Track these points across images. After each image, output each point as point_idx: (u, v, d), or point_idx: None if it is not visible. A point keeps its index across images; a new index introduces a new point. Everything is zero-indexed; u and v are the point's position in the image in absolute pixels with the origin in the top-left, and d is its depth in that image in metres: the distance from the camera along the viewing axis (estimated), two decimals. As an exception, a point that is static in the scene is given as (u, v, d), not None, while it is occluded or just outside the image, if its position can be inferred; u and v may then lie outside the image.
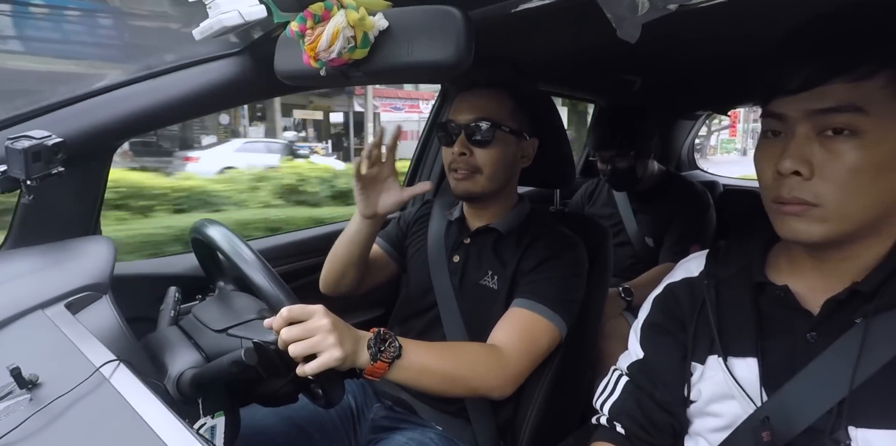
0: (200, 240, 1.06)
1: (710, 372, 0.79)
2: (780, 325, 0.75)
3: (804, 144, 0.67)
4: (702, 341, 0.81)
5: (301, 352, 0.84)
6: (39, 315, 0.86)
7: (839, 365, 0.68)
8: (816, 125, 0.67)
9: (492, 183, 1.26)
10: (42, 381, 0.70)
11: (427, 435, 1.21)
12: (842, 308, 0.70)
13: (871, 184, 0.66)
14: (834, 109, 0.65)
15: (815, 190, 0.67)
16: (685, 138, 3.43)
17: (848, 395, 0.66)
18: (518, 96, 1.28)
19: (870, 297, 0.69)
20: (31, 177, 0.94)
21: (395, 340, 0.96)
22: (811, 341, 0.71)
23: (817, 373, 0.69)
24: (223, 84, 1.18)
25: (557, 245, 1.24)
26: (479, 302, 1.26)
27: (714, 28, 1.25)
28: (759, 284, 0.79)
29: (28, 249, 1.10)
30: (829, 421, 0.67)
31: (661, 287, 0.92)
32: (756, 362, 0.74)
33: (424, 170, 2.17)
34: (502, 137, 1.24)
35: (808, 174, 0.67)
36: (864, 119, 0.64)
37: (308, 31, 0.78)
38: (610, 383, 0.92)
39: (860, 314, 0.69)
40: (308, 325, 0.86)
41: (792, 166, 0.67)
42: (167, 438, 0.59)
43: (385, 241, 1.48)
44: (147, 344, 0.98)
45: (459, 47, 0.74)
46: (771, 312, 0.77)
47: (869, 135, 0.64)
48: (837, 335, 0.69)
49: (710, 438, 0.79)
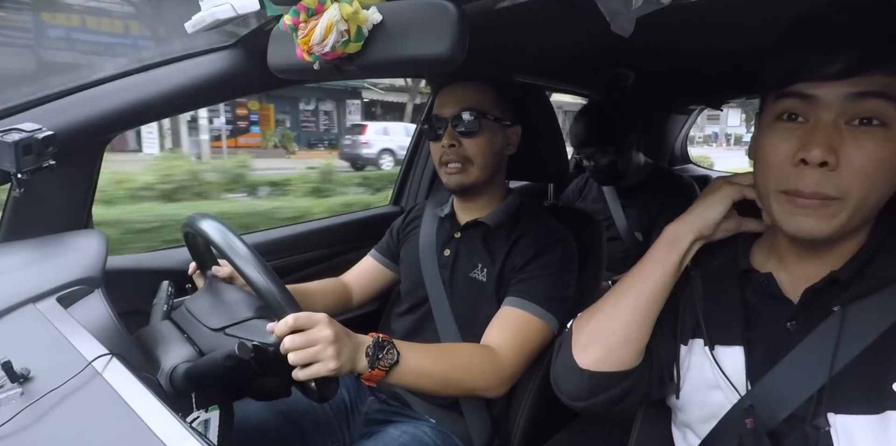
0: (193, 234, 1.06)
1: (696, 360, 0.80)
2: (763, 314, 0.76)
3: (833, 133, 0.64)
4: (687, 323, 0.82)
5: (300, 361, 0.86)
6: (31, 309, 0.86)
7: (819, 353, 0.68)
8: (847, 111, 0.64)
9: (484, 172, 1.27)
10: (34, 375, 0.70)
11: (420, 428, 1.22)
12: (820, 296, 0.71)
13: (889, 178, 0.65)
14: (869, 94, 0.62)
15: (840, 183, 0.64)
16: (678, 132, 3.43)
17: (827, 382, 0.67)
18: (499, 85, 1.31)
19: (846, 285, 0.69)
20: (22, 170, 0.93)
21: (394, 347, 0.97)
22: (791, 330, 0.72)
23: (798, 361, 0.70)
24: (216, 77, 1.18)
25: (547, 240, 1.25)
26: (469, 294, 1.27)
27: (708, 22, 1.25)
28: (744, 272, 0.80)
29: (19, 243, 1.09)
30: (810, 408, 0.68)
31: None
32: (742, 350, 0.75)
33: (416, 172, 2.16)
34: (488, 126, 1.26)
35: (835, 164, 0.63)
36: (895, 109, 0.63)
37: (301, 25, 0.78)
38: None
39: (837, 302, 0.70)
40: (311, 335, 0.87)
41: (822, 156, 0.63)
42: (160, 432, 0.59)
43: (379, 253, 1.52)
44: (140, 338, 0.97)
45: (453, 41, 0.74)
46: (755, 301, 0.77)
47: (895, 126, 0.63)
48: (816, 323, 0.70)
49: (697, 429, 0.80)
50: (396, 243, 1.50)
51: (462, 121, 1.24)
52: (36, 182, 0.97)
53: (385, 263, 1.50)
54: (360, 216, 2.02)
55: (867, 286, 0.69)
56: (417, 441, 1.18)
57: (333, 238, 1.84)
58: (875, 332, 0.67)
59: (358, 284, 1.48)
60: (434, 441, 1.20)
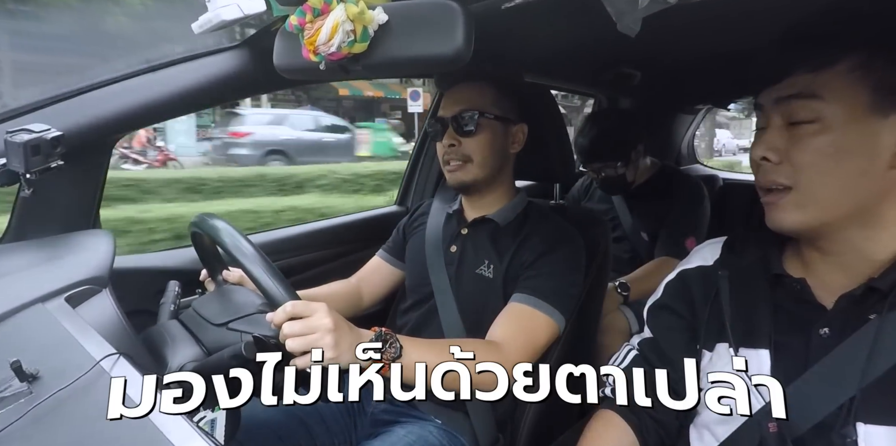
0: (200, 234, 1.06)
1: (719, 360, 0.79)
2: (794, 319, 0.75)
3: (775, 133, 0.72)
4: (712, 328, 0.82)
5: (298, 348, 0.85)
6: (39, 308, 0.86)
7: (852, 362, 0.67)
8: (784, 114, 0.72)
9: (482, 170, 1.28)
10: (42, 375, 0.70)
11: (426, 428, 1.22)
12: (856, 304, 0.70)
13: (836, 167, 0.69)
14: (795, 96, 0.70)
15: (787, 172, 0.71)
16: (685, 132, 3.42)
17: (858, 392, 0.66)
18: (500, 85, 1.32)
19: (885, 294, 0.68)
20: (31, 170, 0.94)
21: (396, 341, 0.96)
22: (824, 337, 0.71)
23: (829, 369, 0.69)
24: (222, 78, 1.18)
25: (555, 238, 1.24)
26: (475, 291, 1.27)
27: (714, 21, 1.24)
28: (775, 276, 0.79)
29: (28, 243, 1.10)
30: (839, 417, 0.67)
31: (674, 272, 0.93)
32: (768, 354, 0.74)
33: (422, 172, 2.16)
34: (487, 124, 1.27)
35: (776, 160, 0.72)
36: (823, 105, 0.68)
37: (307, 25, 0.78)
38: (619, 356, 0.93)
39: (875, 310, 0.69)
40: (309, 322, 0.87)
41: (761, 153, 0.73)
42: (167, 431, 0.59)
43: (387, 253, 1.53)
44: (147, 337, 0.98)
45: (459, 41, 0.74)
46: (786, 305, 0.77)
47: (829, 120, 0.68)
48: (851, 331, 0.69)
49: (715, 430, 0.79)
50: (403, 240, 1.50)
51: (461, 122, 1.26)
52: (44, 182, 0.97)
53: (392, 262, 1.51)
54: (365, 216, 2.02)
55: None
56: (423, 441, 1.18)
57: (339, 238, 1.85)
58: None
59: (367, 285, 1.49)
60: (440, 441, 1.20)
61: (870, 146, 0.68)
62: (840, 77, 0.67)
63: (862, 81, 0.67)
